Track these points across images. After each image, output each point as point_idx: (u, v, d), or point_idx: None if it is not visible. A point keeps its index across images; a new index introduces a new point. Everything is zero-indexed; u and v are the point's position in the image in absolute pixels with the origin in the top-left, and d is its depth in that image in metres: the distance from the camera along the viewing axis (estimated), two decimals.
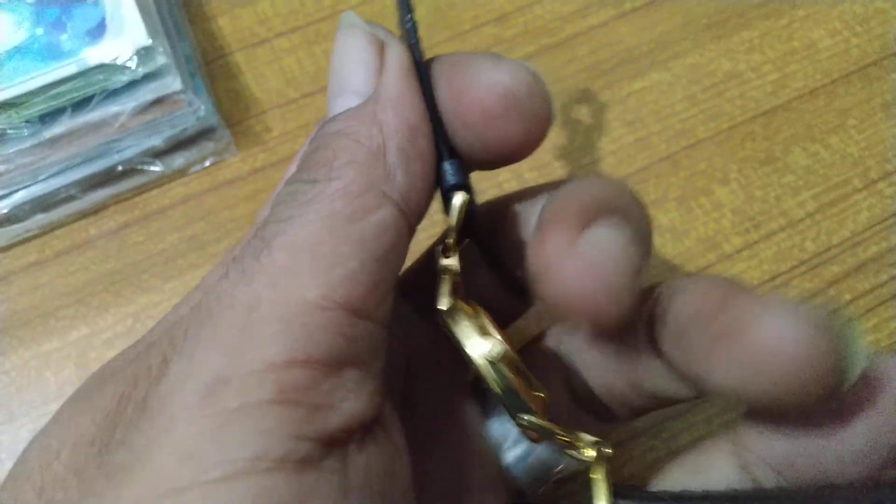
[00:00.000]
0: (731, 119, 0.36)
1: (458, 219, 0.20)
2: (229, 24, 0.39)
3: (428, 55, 0.22)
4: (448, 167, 0.20)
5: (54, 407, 0.31)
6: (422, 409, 0.22)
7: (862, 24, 0.39)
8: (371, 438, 0.16)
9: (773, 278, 0.33)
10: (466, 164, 0.20)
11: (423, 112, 0.19)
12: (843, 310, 0.32)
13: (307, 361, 0.15)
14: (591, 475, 0.20)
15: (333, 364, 0.16)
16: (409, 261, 0.21)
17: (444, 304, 0.20)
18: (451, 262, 0.20)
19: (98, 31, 0.33)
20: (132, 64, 0.33)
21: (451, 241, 0.20)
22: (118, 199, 0.35)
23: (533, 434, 0.20)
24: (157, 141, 0.34)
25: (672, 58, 0.38)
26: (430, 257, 0.22)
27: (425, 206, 0.19)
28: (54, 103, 0.33)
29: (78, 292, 0.33)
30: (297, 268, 0.16)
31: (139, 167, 0.35)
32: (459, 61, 0.19)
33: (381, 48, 0.19)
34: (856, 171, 0.35)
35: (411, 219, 0.18)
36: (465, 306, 0.20)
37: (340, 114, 0.19)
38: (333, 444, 0.15)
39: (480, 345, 0.19)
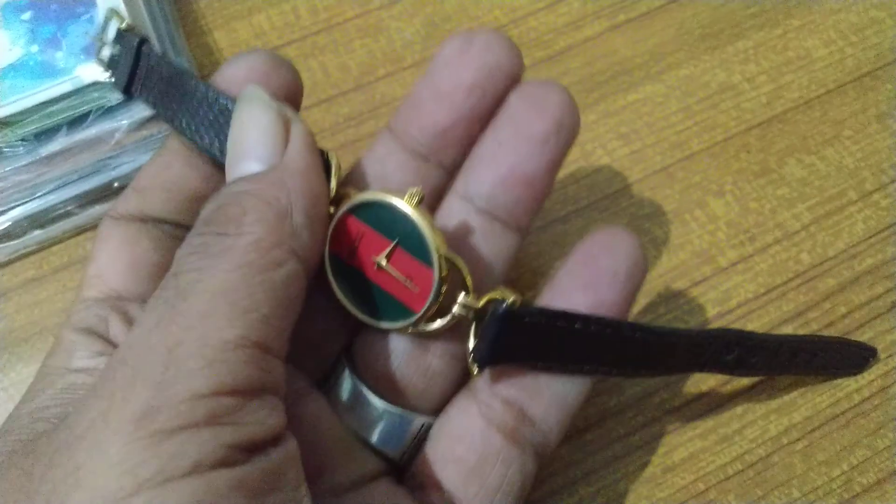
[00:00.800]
0: (726, 131, 0.36)
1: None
2: (225, 38, 0.39)
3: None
4: None
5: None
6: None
7: (856, 33, 0.39)
8: (282, 441, 0.19)
9: (768, 291, 0.33)
10: None
11: (321, 185, 0.22)
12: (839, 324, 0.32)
13: (232, 392, 0.17)
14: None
15: (254, 391, 0.18)
16: None
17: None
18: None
19: (93, 47, 0.33)
20: None
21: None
22: None
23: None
24: (150, 156, 0.34)
25: (666, 69, 0.38)
26: None
27: (321, 259, 0.22)
28: (50, 121, 0.33)
29: None
30: (215, 312, 0.18)
31: None
32: None
33: (286, 123, 0.21)
34: (851, 183, 0.35)
35: (311, 274, 0.21)
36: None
37: (246, 176, 0.21)
38: (258, 448, 0.17)
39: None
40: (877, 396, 0.31)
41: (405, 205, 0.22)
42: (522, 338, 0.22)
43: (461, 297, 0.23)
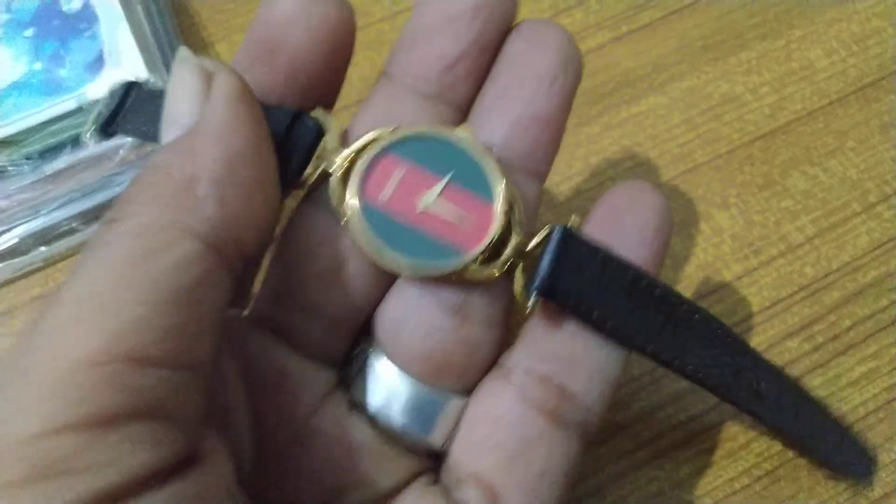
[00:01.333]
0: (730, 143, 0.36)
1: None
2: (228, 51, 0.39)
3: None
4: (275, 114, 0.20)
5: None
6: (283, 435, 0.22)
7: (859, 43, 0.39)
8: (179, 476, 0.15)
9: (772, 305, 0.33)
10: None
11: (252, 140, 0.18)
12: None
13: (78, 425, 0.14)
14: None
15: (113, 420, 0.14)
16: None
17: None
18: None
19: (96, 64, 0.34)
20: None
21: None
22: None
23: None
24: None
25: (668, 81, 0.38)
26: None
27: (255, 235, 0.18)
28: (54, 139, 0.33)
29: None
30: (76, 322, 0.15)
31: None
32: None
33: (208, 78, 0.19)
34: (855, 195, 0.35)
35: (229, 250, 0.17)
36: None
37: (161, 146, 0.18)
38: (122, 496, 0.14)
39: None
40: (882, 410, 0.31)
41: (460, 134, 0.21)
42: (578, 269, 0.21)
43: (512, 239, 0.21)
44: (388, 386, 0.22)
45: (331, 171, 0.21)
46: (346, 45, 0.22)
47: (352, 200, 0.21)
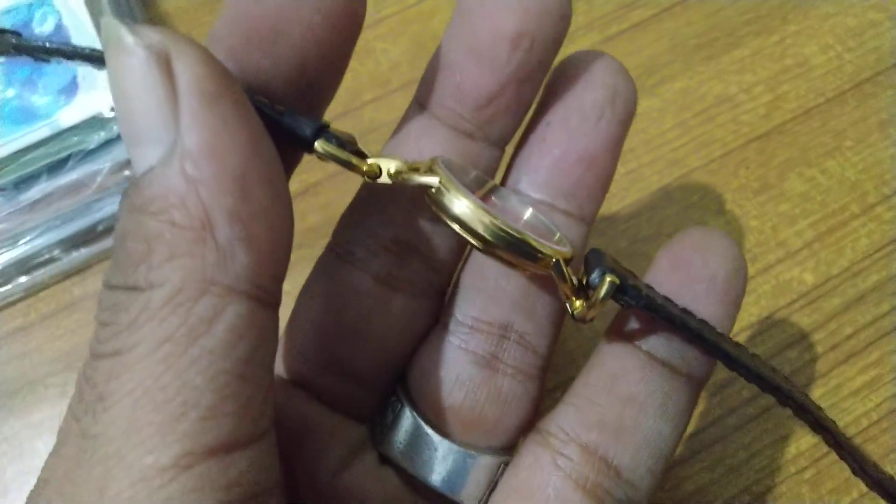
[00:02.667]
0: (724, 146, 0.35)
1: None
2: None
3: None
4: (292, 122, 0.17)
5: None
6: (310, 492, 0.21)
7: (855, 37, 0.38)
8: None
9: (772, 314, 0.32)
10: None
11: (251, 146, 0.14)
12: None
13: None
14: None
15: None
16: None
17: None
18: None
19: (70, 89, 0.33)
20: (108, 123, 0.32)
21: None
22: (101, 258, 0.34)
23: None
24: None
25: (661, 83, 0.37)
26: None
27: (286, 254, 0.16)
28: (29, 168, 0.32)
29: (66, 357, 0.33)
30: (140, 426, 0.13)
31: None
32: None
33: (167, 68, 0.14)
34: (853, 196, 0.34)
35: (273, 297, 0.15)
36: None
37: (143, 177, 0.14)
38: None
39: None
40: (885, 420, 0.30)
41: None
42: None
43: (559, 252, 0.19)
44: (417, 441, 0.21)
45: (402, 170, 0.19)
46: (355, 33, 0.19)
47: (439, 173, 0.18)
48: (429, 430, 0.21)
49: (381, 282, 0.21)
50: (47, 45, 0.20)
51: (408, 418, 0.22)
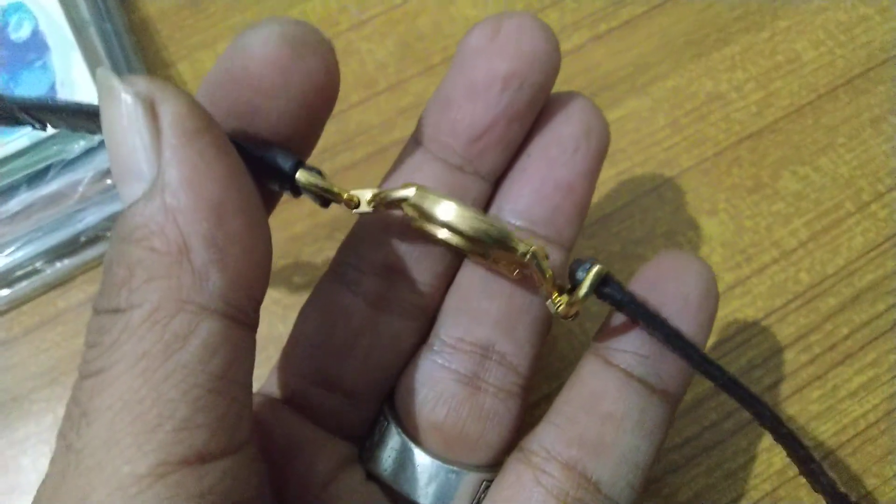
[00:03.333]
0: (716, 145, 0.35)
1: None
2: (189, 69, 0.37)
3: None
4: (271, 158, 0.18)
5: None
6: (293, 499, 0.21)
7: (846, 32, 0.37)
8: None
9: (767, 315, 0.32)
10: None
11: (228, 178, 0.16)
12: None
13: None
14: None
15: None
16: None
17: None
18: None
19: (49, 96, 0.32)
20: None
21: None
22: (85, 269, 0.34)
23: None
24: (119, 206, 0.33)
25: (651, 81, 0.36)
26: None
27: (262, 278, 0.17)
28: (9, 179, 0.31)
29: (51, 371, 0.32)
30: (118, 438, 0.14)
31: (103, 234, 0.33)
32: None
33: (152, 110, 0.15)
34: (847, 194, 0.34)
35: (247, 317, 0.16)
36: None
37: (128, 210, 0.15)
38: None
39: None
40: (883, 421, 0.30)
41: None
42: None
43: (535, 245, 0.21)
44: (402, 458, 0.22)
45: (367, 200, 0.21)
46: (331, 98, 0.20)
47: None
48: (413, 448, 0.22)
49: (370, 303, 0.22)
50: (49, 102, 0.19)
51: (393, 436, 0.22)
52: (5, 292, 0.33)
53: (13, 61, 0.32)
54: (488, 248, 0.20)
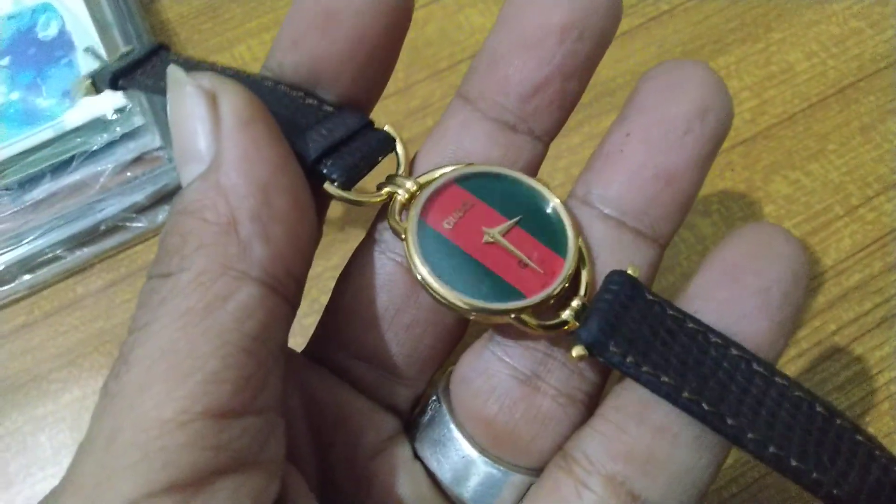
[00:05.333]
0: None
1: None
2: None
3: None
4: (348, 112, 0.20)
5: (50, 472, 0.31)
6: (345, 476, 0.21)
7: (838, 44, 0.39)
8: None
9: None
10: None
11: (276, 162, 0.17)
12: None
13: (169, 488, 0.14)
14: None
15: (200, 481, 0.15)
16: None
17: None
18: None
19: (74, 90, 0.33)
20: (111, 124, 0.33)
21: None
22: (103, 257, 0.35)
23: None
24: (138, 197, 0.34)
25: None
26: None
27: (303, 258, 0.17)
28: (34, 169, 0.33)
29: (69, 353, 0.34)
30: (151, 383, 0.15)
31: (122, 224, 0.35)
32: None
33: (213, 101, 0.17)
34: (837, 198, 0.35)
35: (285, 289, 0.17)
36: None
37: (186, 187, 0.17)
38: None
39: None
40: (868, 413, 0.31)
41: (537, 182, 0.20)
42: (637, 319, 0.18)
43: (578, 297, 0.19)
44: (449, 447, 0.21)
45: (400, 195, 0.20)
46: (405, 17, 0.20)
47: (413, 219, 0.19)
48: (462, 438, 0.21)
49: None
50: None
51: (444, 422, 0.21)
52: (27, 278, 0.34)
53: (41, 58, 0.34)
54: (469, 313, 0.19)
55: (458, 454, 0.21)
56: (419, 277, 0.19)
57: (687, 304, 0.18)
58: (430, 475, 0.21)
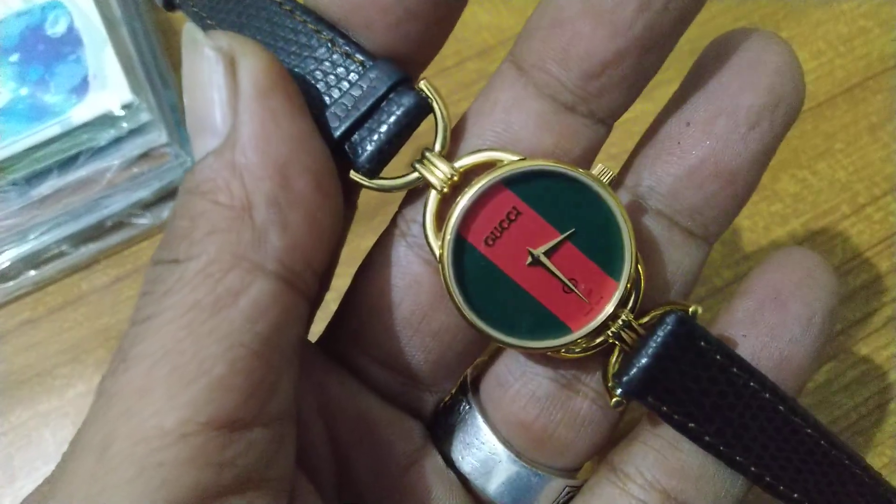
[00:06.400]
0: None
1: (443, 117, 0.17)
2: None
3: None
4: (379, 68, 0.17)
5: (54, 467, 0.31)
6: (372, 488, 0.20)
7: (845, 43, 0.38)
8: None
9: None
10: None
11: (297, 138, 0.15)
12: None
13: None
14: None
15: (202, 501, 0.13)
16: None
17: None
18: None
19: (82, 88, 0.33)
20: (118, 120, 0.33)
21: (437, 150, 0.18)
22: (109, 253, 0.35)
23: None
24: (144, 193, 0.34)
25: (656, 87, 0.37)
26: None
27: (325, 250, 0.16)
28: (41, 165, 0.33)
29: (73, 349, 0.34)
30: (152, 386, 0.13)
31: (128, 220, 0.35)
32: None
33: (232, 66, 0.15)
34: (844, 197, 0.35)
35: (303, 284, 0.15)
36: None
37: (197, 163, 0.15)
38: None
39: None
40: (874, 413, 0.31)
41: (598, 185, 0.17)
42: (683, 369, 0.17)
43: (624, 313, 0.18)
44: (483, 451, 0.20)
45: (435, 185, 0.17)
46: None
47: (450, 237, 0.17)
48: (497, 443, 0.20)
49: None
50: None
51: (475, 425, 0.20)
52: (32, 274, 0.34)
53: (49, 55, 0.34)
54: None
55: (493, 459, 0.20)
56: (455, 305, 0.17)
57: (734, 328, 0.18)
58: (462, 478, 0.20)
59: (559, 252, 0.17)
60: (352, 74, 0.17)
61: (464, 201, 0.17)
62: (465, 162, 0.17)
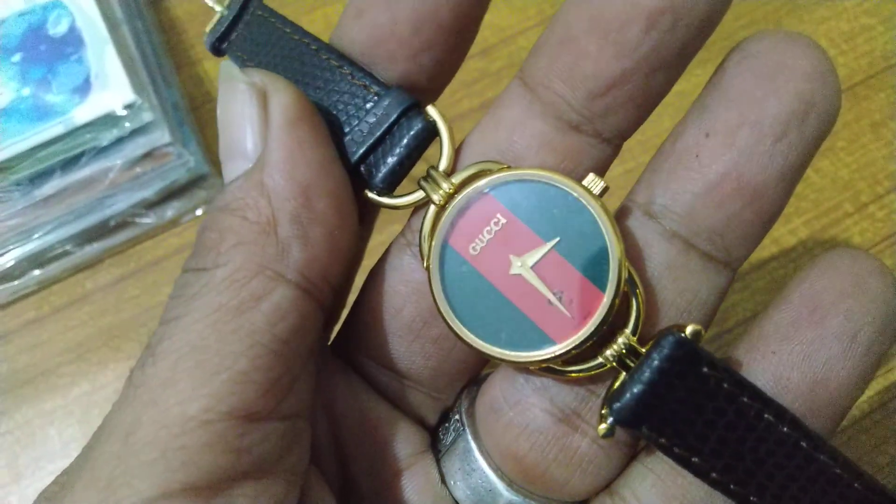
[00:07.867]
0: None
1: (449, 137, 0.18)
2: (215, 68, 0.39)
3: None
4: (391, 96, 0.18)
5: (60, 465, 0.31)
6: (368, 487, 0.20)
7: (848, 41, 0.38)
8: None
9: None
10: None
11: (320, 163, 0.16)
12: None
13: (186, 490, 0.14)
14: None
15: (218, 484, 0.14)
16: None
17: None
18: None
19: (84, 88, 0.34)
20: (120, 120, 0.33)
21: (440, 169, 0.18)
22: (113, 252, 0.35)
23: None
24: (147, 193, 0.35)
25: None
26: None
27: (342, 264, 0.17)
28: (44, 164, 0.33)
29: (78, 348, 0.34)
30: (177, 378, 0.14)
31: (131, 220, 0.35)
32: None
33: (263, 99, 0.16)
34: (847, 195, 0.35)
35: (320, 294, 0.16)
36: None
37: (229, 184, 0.17)
38: None
39: None
40: (877, 412, 0.31)
41: (584, 193, 0.16)
42: (683, 396, 0.16)
43: (623, 335, 0.16)
44: (474, 476, 0.19)
45: (434, 200, 0.18)
46: (479, 3, 0.17)
47: (437, 242, 0.17)
48: (487, 469, 0.19)
49: None
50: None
51: (468, 450, 0.19)
52: (36, 273, 0.34)
53: (51, 55, 0.34)
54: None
55: (484, 486, 0.19)
56: (440, 312, 0.17)
57: (762, 343, 0.16)
58: (454, 498, 0.20)
59: (545, 261, 0.17)
60: (368, 103, 0.18)
61: (450, 210, 0.17)
62: (459, 177, 0.18)
